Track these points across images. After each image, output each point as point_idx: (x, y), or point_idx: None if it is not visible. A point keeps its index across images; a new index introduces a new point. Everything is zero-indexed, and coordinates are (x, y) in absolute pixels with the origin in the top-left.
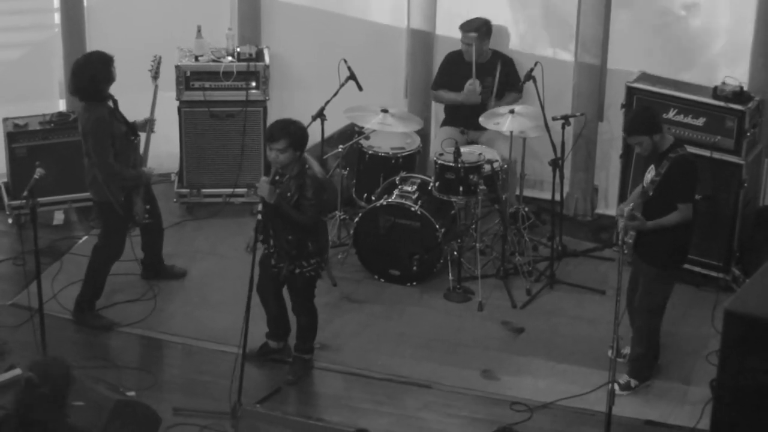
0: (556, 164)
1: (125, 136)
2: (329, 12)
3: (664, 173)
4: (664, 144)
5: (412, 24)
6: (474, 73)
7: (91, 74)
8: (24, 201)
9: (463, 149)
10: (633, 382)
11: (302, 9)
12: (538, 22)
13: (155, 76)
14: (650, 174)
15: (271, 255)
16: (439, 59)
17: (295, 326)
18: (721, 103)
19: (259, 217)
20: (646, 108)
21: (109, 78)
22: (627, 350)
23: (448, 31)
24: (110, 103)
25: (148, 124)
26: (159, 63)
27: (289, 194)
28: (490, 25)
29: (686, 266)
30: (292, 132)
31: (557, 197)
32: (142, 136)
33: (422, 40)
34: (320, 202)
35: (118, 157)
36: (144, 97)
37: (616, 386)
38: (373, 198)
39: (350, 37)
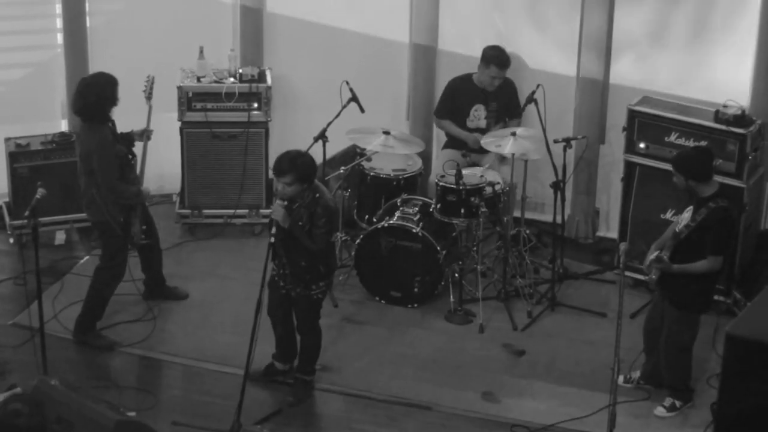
0: (558, 187)
1: (126, 157)
2: (330, 31)
3: (700, 221)
4: (706, 190)
5: (414, 40)
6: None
7: (96, 94)
8: (25, 221)
9: (464, 171)
10: (678, 403)
11: (304, 30)
12: (539, 40)
13: (149, 96)
14: (687, 214)
15: (282, 277)
16: (440, 80)
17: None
18: (723, 127)
19: (272, 240)
20: (701, 152)
21: (114, 100)
22: (636, 374)
23: (451, 46)
24: (110, 125)
25: (145, 134)
26: (152, 83)
27: (301, 222)
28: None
29: None
30: (299, 165)
31: (558, 220)
32: (138, 149)
33: (424, 61)
34: (331, 229)
35: (121, 174)
36: (145, 119)
37: (663, 409)
38: (374, 220)
39: (352, 57)
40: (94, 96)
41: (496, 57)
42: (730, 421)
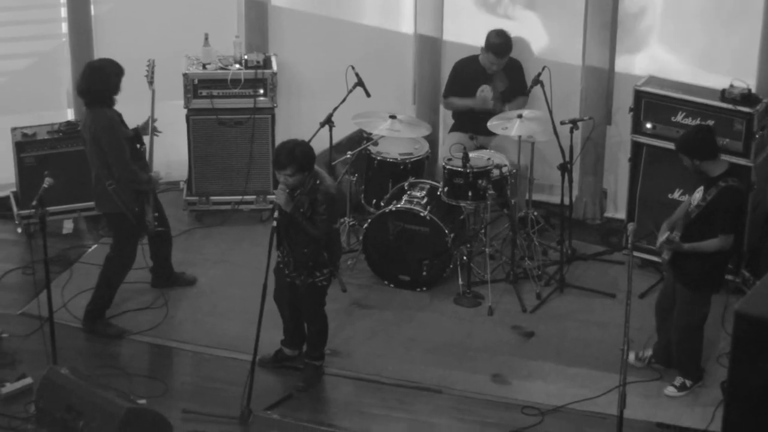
0: (565, 168)
1: (132, 142)
2: (335, 19)
3: (710, 200)
4: (716, 169)
5: (419, 29)
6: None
7: (101, 81)
8: (33, 210)
9: (471, 154)
10: (688, 382)
11: (309, 16)
12: (545, 24)
13: (151, 80)
14: (698, 194)
15: (286, 264)
16: (446, 63)
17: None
18: (729, 106)
19: (275, 224)
20: (701, 131)
21: (116, 90)
22: (648, 353)
23: (456, 37)
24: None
25: (150, 125)
26: (153, 67)
27: (302, 210)
28: (510, 37)
29: None
30: (297, 156)
31: (566, 201)
32: (146, 140)
33: (429, 45)
34: (332, 216)
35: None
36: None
37: (673, 389)
38: (382, 204)
39: (357, 43)
40: (99, 81)
41: (494, 45)
42: (740, 400)
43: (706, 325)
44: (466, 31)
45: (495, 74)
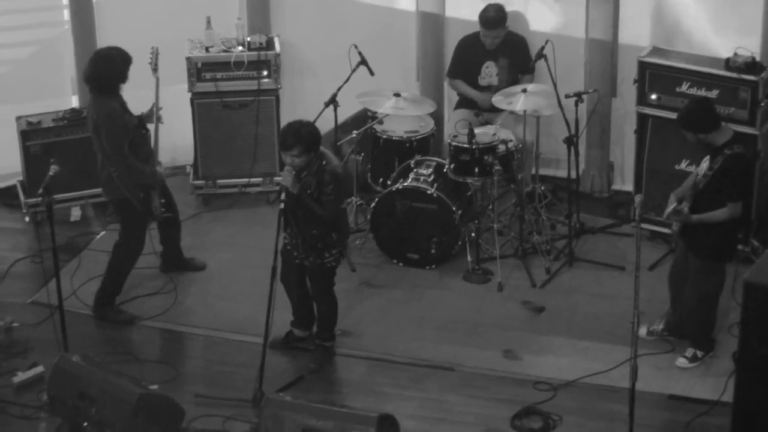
0: (571, 142)
1: (137, 129)
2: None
3: (716, 169)
4: (720, 138)
5: (420, 6)
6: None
7: (109, 68)
8: (40, 199)
9: (477, 130)
10: (700, 353)
11: None
12: (547, 2)
13: (155, 68)
14: (705, 164)
15: (295, 246)
16: (449, 40)
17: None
18: (734, 75)
19: (282, 206)
20: (700, 103)
21: (124, 78)
22: (659, 326)
23: (456, 12)
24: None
25: (155, 113)
26: (157, 54)
27: (309, 191)
28: (505, 11)
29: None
30: (304, 136)
31: (573, 175)
32: (151, 128)
33: (432, 23)
34: (339, 196)
35: (133, 149)
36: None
37: (685, 360)
38: (388, 182)
39: (359, 21)
40: (106, 69)
41: (482, 18)
42: (751, 369)
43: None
44: (468, 7)
45: (499, 51)
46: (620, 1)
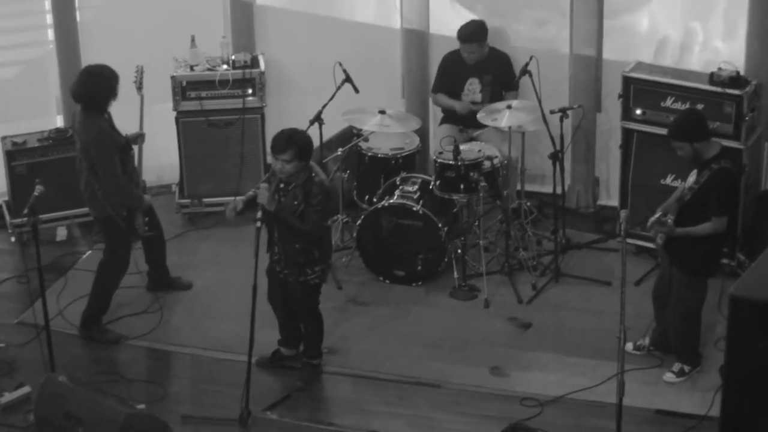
0: (556, 157)
1: (125, 149)
2: (321, 15)
3: (703, 182)
4: (708, 152)
5: (405, 24)
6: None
7: (101, 85)
8: (25, 218)
9: (462, 146)
10: (687, 368)
11: (294, 13)
12: (531, 14)
13: (139, 86)
14: (691, 178)
15: (278, 262)
16: (434, 57)
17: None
18: (718, 89)
19: (258, 224)
20: (692, 113)
21: (115, 94)
22: (644, 341)
23: (440, 29)
24: (107, 116)
25: (139, 138)
26: (142, 73)
27: (296, 202)
28: (485, 26)
29: None
30: (297, 142)
31: (559, 190)
32: (135, 148)
33: (416, 39)
34: (326, 208)
35: (122, 168)
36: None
37: (672, 375)
38: (374, 200)
39: (344, 39)
40: (98, 86)
41: (458, 32)
42: (738, 383)
43: (704, 310)
44: (452, 23)
45: (483, 67)
46: (604, 15)
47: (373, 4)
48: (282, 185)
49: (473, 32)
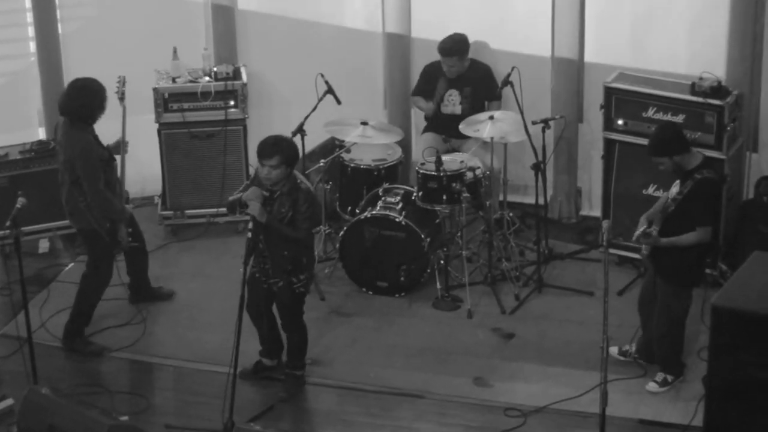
0: (538, 168)
1: (108, 162)
2: (302, 21)
3: (686, 193)
4: (690, 162)
5: (387, 28)
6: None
7: (89, 98)
8: (7, 231)
9: (444, 157)
10: (670, 378)
11: (276, 20)
12: (513, 23)
13: (121, 97)
14: (675, 189)
15: (263, 272)
16: (415, 66)
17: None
18: (700, 99)
19: (249, 235)
20: (668, 127)
21: (103, 108)
22: (631, 348)
23: (424, 33)
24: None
25: (122, 146)
26: (124, 83)
27: (283, 210)
28: (467, 41)
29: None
30: (284, 148)
31: (541, 201)
32: (117, 158)
33: (398, 48)
34: (314, 215)
35: (106, 182)
36: (126, 122)
37: (655, 384)
38: (357, 211)
39: (326, 48)
40: (86, 100)
41: (439, 46)
42: (721, 393)
43: (687, 320)
44: (434, 31)
45: (463, 79)
46: (585, 25)
47: (355, 10)
48: (267, 194)
49: (453, 46)
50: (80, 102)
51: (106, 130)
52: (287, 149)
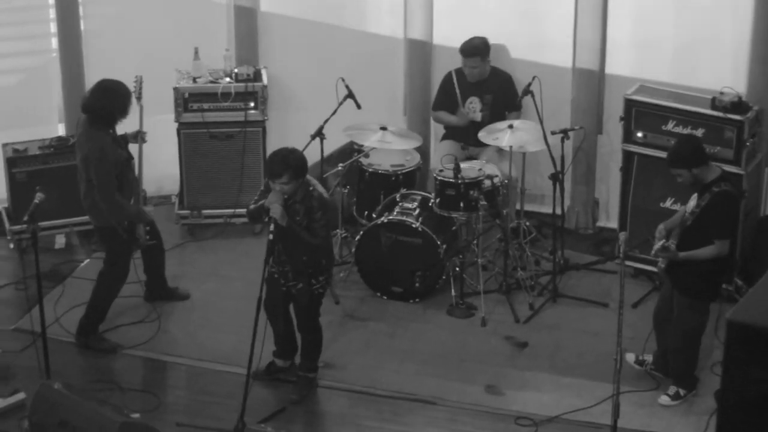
0: (557, 178)
1: (126, 163)
2: (326, 25)
3: (704, 206)
4: (708, 175)
5: (409, 35)
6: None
7: (113, 101)
8: (25, 226)
9: (462, 165)
10: (682, 391)
11: (299, 24)
12: (535, 32)
13: (138, 96)
14: (692, 202)
15: (283, 274)
16: (436, 73)
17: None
18: (720, 114)
19: (271, 237)
20: (688, 139)
21: (125, 113)
22: (649, 358)
23: (444, 40)
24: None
25: (139, 135)
26: (141, 83)
27: (298, 218)
28: (488, 43)
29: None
30: (292, 163)
31: (558, 211)
32: (134, 151)
33: (420, 54)
34: (330, 220)
35: (119, 179)
36: (145, 121)
37: (667, 398)
38: (374, 216)
39: (347, 53)
40: (110, 103)
41: (461, 47)
42: (734, 409)
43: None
44: (456, 38)
45: (484, 87)
46: (607, 38)
47: (378, 16)
48: (286, 196)
49: (476, 47)
50: (102, 103)
51: (124, 129)
52: (295, 163)
